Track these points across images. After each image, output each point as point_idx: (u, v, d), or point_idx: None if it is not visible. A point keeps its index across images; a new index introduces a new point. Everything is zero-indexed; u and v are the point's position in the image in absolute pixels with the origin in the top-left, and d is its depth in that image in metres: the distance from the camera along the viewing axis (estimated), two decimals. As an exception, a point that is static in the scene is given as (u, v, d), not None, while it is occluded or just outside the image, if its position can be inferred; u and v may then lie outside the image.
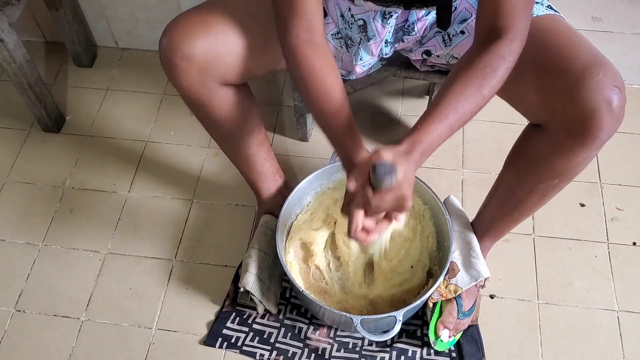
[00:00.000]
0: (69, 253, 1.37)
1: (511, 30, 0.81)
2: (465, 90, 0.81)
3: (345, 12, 1.01)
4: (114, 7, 1.63)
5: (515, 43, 0.82)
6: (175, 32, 0.92)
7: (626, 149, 1.50)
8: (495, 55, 0.81)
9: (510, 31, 0.81)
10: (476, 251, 1.17)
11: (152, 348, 1.23)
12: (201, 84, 0.96)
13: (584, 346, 1.21)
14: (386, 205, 0.77)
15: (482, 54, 0.82)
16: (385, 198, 0.76)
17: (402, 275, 1.19)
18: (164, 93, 1.66)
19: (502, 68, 0.81)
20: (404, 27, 1.01)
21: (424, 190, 1.20)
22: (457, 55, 1.02)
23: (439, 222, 1.20)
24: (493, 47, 0.81)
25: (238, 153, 1.17)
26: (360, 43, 1.04)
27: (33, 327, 1.26)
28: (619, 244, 1.34)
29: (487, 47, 0.82)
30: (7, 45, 1.32)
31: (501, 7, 0.80)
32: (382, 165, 0.74)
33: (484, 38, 0.83)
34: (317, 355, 1.20)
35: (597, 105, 0.81)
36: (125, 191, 1.47)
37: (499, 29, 0.81)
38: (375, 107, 1.60)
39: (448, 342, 1.17)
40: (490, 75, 0.81)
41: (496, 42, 0.81)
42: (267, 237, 1.26)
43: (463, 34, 0.98)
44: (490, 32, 0.82)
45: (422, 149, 0.79)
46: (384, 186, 0.75)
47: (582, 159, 0.90)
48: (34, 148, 1.55)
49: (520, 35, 0.82)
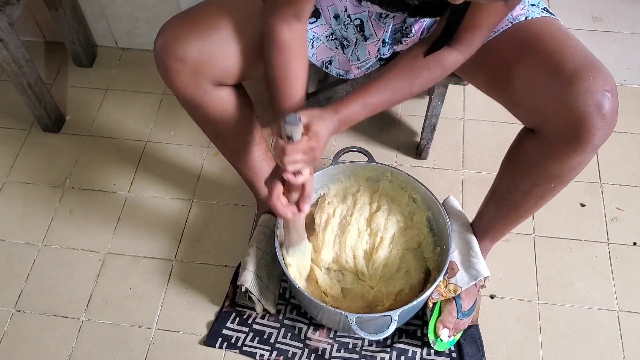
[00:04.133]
0: (69, 253, 1.37)
1: (464, 44, 0.88)
2: (396, 81, 0.91)
3: (341, 12, 1.01)
4: (113, 7, 1.63)
5: (462, 57, 0.90)
6: (168, 34, 0.93)
7: (626, 149, 1.50)
8: (438, 61, 0.90)
9: (463, 44, 0.88)
10: (475, 251, 1.17)
11: (152, 348, 1.23)
12: (195, 85, 0.96)
13: (584, 346, 1.21)
14: (298, 156, 0.87)
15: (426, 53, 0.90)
16: (298, 147, 0.86)
17: (398, 280, 1.19)
18: (164, 93, 1.66)
19: (439, 73, 0.91)
20: (402, 29, 1.01)
21: (424, 192, 1.20)
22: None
23: (439, 222, 1.20)
24: (440, 53, 0.89)
25: (235, 153, 1.17)
26: (356, 43, 1.04)
27: (33, 327, 1.26)
28: (619, 244, 1.34)
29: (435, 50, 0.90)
30: (7, 45, 1.32)
31: (467, 24, 0.85)
32: (290, 116, 0.85)
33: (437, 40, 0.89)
34: (317, 356, 1.20)
35: (587, 110, 0.81)
36: (125, 191, 1.47)
37: (456, 39, 0.88)
38: (375, 107, 1.60)
39: (448, 341, 1.17)
40: (424, 76, 0.91)
41: (446, 49, 0.89)
42: (266, 236, 1.26)
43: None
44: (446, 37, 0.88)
45: (340, 118, 0.90)
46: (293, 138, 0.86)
47: (576, 163, 0.90)
48: (34, 148, 1.55)
49: (469, 52, 0.90)
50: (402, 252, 1.20)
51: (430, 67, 0.90)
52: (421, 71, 0.91)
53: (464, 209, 1.30)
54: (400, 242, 1.20)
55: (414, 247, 1.23)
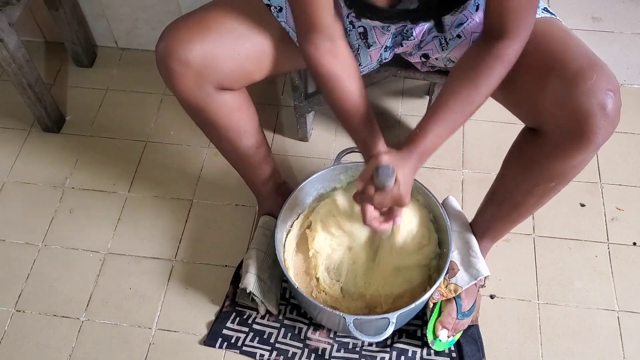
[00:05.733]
0: (69, 253, 1.37)
1: (512, 30, 0.83)
2: (462, 91, 0.86)
3: (343, 18, 1.01)
4: (114, 7, 1.63)
5: (515, 42, 0.84)
6: (172, 37, 0.92)
7: (626, 149, 1.50)
8: (492, 55, 0.84)
9: (511, 30, 0.83)
10: (475, 251, 1.17)
11: (152, 348, 1.23)
12: (198, 89, 0.95)
13: (584, 346, 1.21)
14: (387, 203, 0.90)
15: (480, 53, 0.85)
16: (386, 197, 0.89)
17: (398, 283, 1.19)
18: (164, 93, 1.66)
19: (499, 67, 0.85)
20: (403, 32, 1.01)
21: (425, 193, 1.20)
22: (454, 58, 1.02)
23: (439, 223, 1.20)
24: (492, 47, 0.84)
25: (237, 156, 1.16)
26: (359, 49, 1.04)
27: (33, 327, 1.26)
28: (619, 244, 1.34)
29: (487, 45, 0.85)
30: (7, 45, 1.32)
31: (506, 7, 0.81)
32: (383, 168, 0.85)
33: (487, 36, 0.85)
34: (317, 356, 1.20)
35: (590, 109, 0.81)
36: (125, 191, 1.47)
37: (501, 27, 0.83)
38: (375, 107, 1.60)
39: (447, 342, 1.17)
40: (486, 74, 0.85)
41: (497, 41, 0.84)
42: (266, 238, 1.26)
43: (459, 38, 0.98)
44: (493, 30, 0.84)
45: (420, 153, 0.88)
46: (385, 187, 0.87)
47: (578, 162, 0.90)
48: (34, 148, 1.55)
49: (521, 35, 0.84)
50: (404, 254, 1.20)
51: (485, 63, 0.85)
52: (480, 70, 0.85)
53: (464, 209, 1.30)
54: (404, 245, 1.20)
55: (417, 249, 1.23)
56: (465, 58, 0.88)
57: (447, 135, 0.88)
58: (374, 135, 0.94)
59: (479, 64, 0.85)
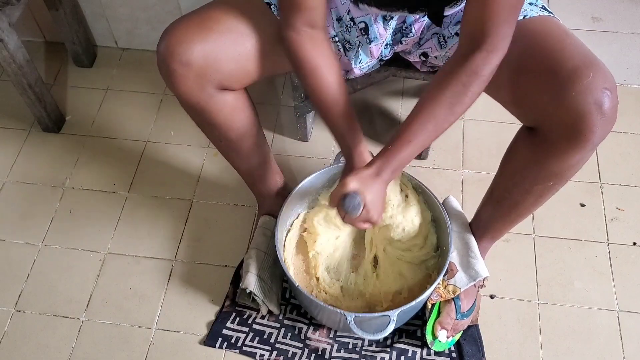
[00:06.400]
0: (69, 253, 1.37)
1: (491, 38, 0.80)
2: (436, 108, 0.86)
3: (343, 15, 1.01)
4: (114, 7, 1.63)
5: (493, 55, 0.82)
6: (173, 37, 0.91)
7: (626, 149, 1.50)
8: (468, 71, 0.83)
9: (490, 39, 0.80)
10: (474, 251, 1.17)
11: (152, 348, 1.23)
12: (199, 89, 0.95)
13: (584, 346, 1.21)
14: (357, 224, 0.96)
15: (456, 69, 0.84)
16: (355, 220, 0.94)
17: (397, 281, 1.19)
18: (164, 93, 1.66)
19: (475, 84, 0.84)
20: (402, 29, 1.01)
21: (425, 193, 1.20)
22: None
23: (440, 224, 1.20)
24: (468, 62, 0.82)
25: (237, 156, 1.17)
26: (359, 46, 1.04)
27: (33, 327, 1.26)
28: (619, 244, 1.34)
29: (464, 61, 0.83)
30: (7, 45, 1.32)
31: (483, 14, 0.79)
32: (349, 199, 0.88)
33: (464, 49, 0.83)
34: (317, 356, 1.20)
35: (587, 108, 0.81)
36: (125, 191, 1.47)
37: (480, 35, 0.81)
38: (375, 107, 1.60)
39: (446, 342, 1.17)
40: (461, 93, 0.85)
41: (473, 54, 0.82)
42: (266, 238, 1.26)
43: (458, 36, 0.98)
44: (471, 41, 0.82)
45: (392, 169, 0.90)
46: (351, 216, 0.91)
47: (576, 161, 0.90)
48: (34, 148, 1.55)
49: (499, 46, 0.81)
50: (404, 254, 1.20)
51: (461, 80, 0.83)
52: (456, 88, 0.84)
53: (464, 209, 1.30)
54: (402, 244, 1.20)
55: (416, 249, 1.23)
56: (441, 75, 0.86)
57: (418, 151, 0.91)
58: (353, 132, 0.96)
59: (455, 81, 0.84)
